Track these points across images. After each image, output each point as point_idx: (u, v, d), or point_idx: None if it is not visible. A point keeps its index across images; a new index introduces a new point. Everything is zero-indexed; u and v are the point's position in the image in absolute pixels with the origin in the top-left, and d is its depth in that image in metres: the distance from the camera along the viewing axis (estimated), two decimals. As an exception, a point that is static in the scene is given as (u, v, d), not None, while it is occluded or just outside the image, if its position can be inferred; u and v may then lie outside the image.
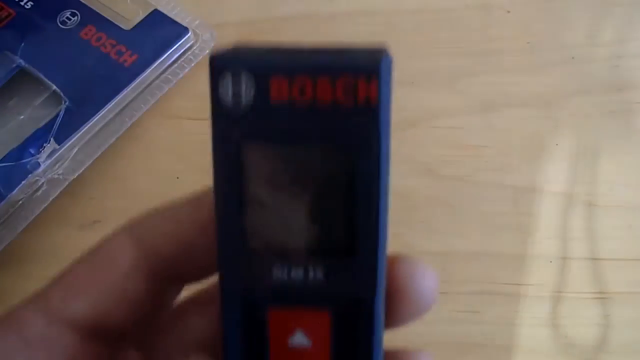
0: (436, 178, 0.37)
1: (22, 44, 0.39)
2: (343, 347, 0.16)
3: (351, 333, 0.16)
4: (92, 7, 0.41)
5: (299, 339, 0.16)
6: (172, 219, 0.17)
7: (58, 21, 0.40)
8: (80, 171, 0.37)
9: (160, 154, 0.39)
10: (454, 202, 0.36)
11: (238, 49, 0.16)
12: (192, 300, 0.18)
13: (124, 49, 0.39)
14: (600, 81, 0.39)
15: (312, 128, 0.15)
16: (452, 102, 0.39)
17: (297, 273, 0.16)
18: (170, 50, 0.39)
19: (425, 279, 0.16)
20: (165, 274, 0.17)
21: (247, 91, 0.15)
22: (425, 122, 0.39)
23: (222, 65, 0.15)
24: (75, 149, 0.37)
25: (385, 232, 0.16)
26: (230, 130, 0.15)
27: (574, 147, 0.37)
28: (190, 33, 0.40)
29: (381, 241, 0.15)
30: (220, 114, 0.15)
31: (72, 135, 0.36)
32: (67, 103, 0.37)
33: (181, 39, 0.40)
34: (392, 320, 0.17)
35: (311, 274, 0.16)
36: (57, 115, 0.37)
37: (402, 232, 0.35)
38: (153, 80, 0.39)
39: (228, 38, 0.42)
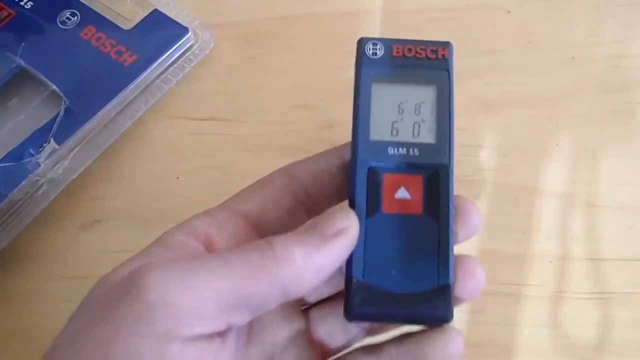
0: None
1: (22, 44, 0.39)
2: (431, 198, 0.24)
3: (436, 189, 0.24)
4: (92, 7, 0.41)
5: (402, 193, 0.24)
6: (313, 161, 0.27)
7: (58, 21, 0.40)
8: (80, 171, 0.37)
9: (160, 154, 0.39)
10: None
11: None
12: None
13: (123, 49, 0.39)
14: (600, 81, 0.39)
15: (415, 70, 0.26)
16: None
17: (402, 151, 0.25)
18: (170, 50, 0.39)
19: (477, 211, 0.25)
20: (303, 196, 0.26)
21: (379, 50, 0.26)
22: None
23: (367, 39, 0.27)
24: (75, 149, 0.37)
25: (453, 131, 0.25)
26: (369, 71, 0.26)
27: (574, 147, 0.38)
28: (190, 33, 0.40)
29: (452, 135, 0.25)
30: (365, 62, 0.26)
31: (72, 135, 0.36)
32: (67, 103, 0.37)
33: (181, 39, 0.40)
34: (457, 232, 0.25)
35: (411, 151, 0.25)
36: (57, 115, 0.37)
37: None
38: (153, 80, 0.39)
39: (228, 38, 0.42)
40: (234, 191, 0.34)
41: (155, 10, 0.41)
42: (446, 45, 0.26)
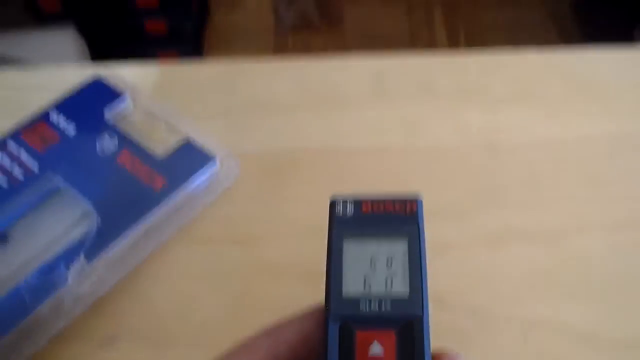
0: (447, 307, 0.38)
1: (63, 166, 0.43)
2: (405, 351, 0.24)
3: (410, 341, 0.24)
4: (128, 135, 0.44)
5: (376, 348, 0.24)
6: (299, 321, 0.26)
7: (97, 146, 0.44)
8: (106, 290, 0.38)
9: (183, 276, 0.40)
10: (463, 332, 0.37)
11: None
12: None
13: (155, 175, 0.42)
14: (604, 214, 0.41)
15: (385, 225, 0.26)
16: (461, 234, 0.41)
17: (374, 305, 0.25)
18: (198, 178, 0.42)
19: None
20: (291, 357, 0.25)
21: (350, 209, 0.27)
22: (436, 252, 0.40)
23: (338, 198, 0.27)
24: (103, 268, 0.38)
25: (425, 282, 0.25)
26: (341, 229, 0.26)
27: (581, 283, 0.38)
28: (217, 162, 0.43)
29: (424, 287, 0.25)
30: (336, 221, 0.26)
31: (101, 254, 0.38)
32: (99, 223, 0.40)
33: (209, 167, 0.43)
34: None
35: (383, 305, 0.25)
36: (89, 233, 0.39)
37: None
38: (180, 206, 0.41)
39: (251, 167, 0.45)
40: (252, 315, 0.35)
41: (186, 138, 0.44)
42: (414, 200, 0.27)
